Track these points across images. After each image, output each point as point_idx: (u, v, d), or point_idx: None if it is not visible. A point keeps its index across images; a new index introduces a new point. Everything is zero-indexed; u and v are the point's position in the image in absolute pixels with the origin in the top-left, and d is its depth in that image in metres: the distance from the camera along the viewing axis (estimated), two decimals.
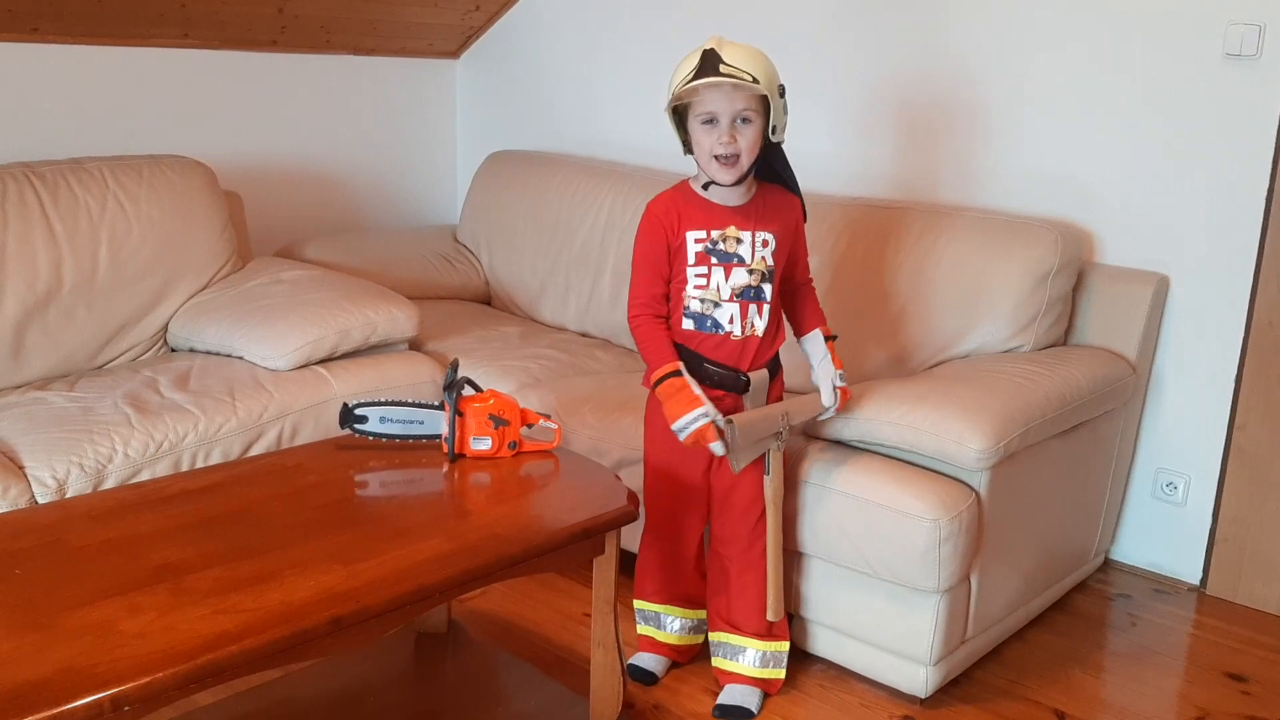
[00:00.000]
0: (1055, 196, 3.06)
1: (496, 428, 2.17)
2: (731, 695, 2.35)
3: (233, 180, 3.64)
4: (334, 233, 3.93)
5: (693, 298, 2.22)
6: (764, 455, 2.25)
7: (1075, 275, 2.88)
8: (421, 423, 2.23)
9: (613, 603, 2.11)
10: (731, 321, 2.22)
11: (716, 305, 2.21)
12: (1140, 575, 3.09)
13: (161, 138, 3.55)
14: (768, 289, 2.22)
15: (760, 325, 2.23)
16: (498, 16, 4.28)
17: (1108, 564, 3.14)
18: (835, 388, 2.30)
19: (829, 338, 2.37)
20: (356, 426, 2.22)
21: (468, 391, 2.21)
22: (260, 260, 3.37)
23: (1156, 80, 2.88)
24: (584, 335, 3.61)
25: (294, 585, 1.67)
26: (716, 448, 2.15)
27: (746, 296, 2.21)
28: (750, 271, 2.21)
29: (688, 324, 2.24)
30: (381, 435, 2.23)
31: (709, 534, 2.41)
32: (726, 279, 2.20)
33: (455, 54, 4.45)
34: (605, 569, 2.09)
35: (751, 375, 2.26)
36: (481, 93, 4.43)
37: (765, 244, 2.21)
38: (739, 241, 2.20)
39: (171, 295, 3.09)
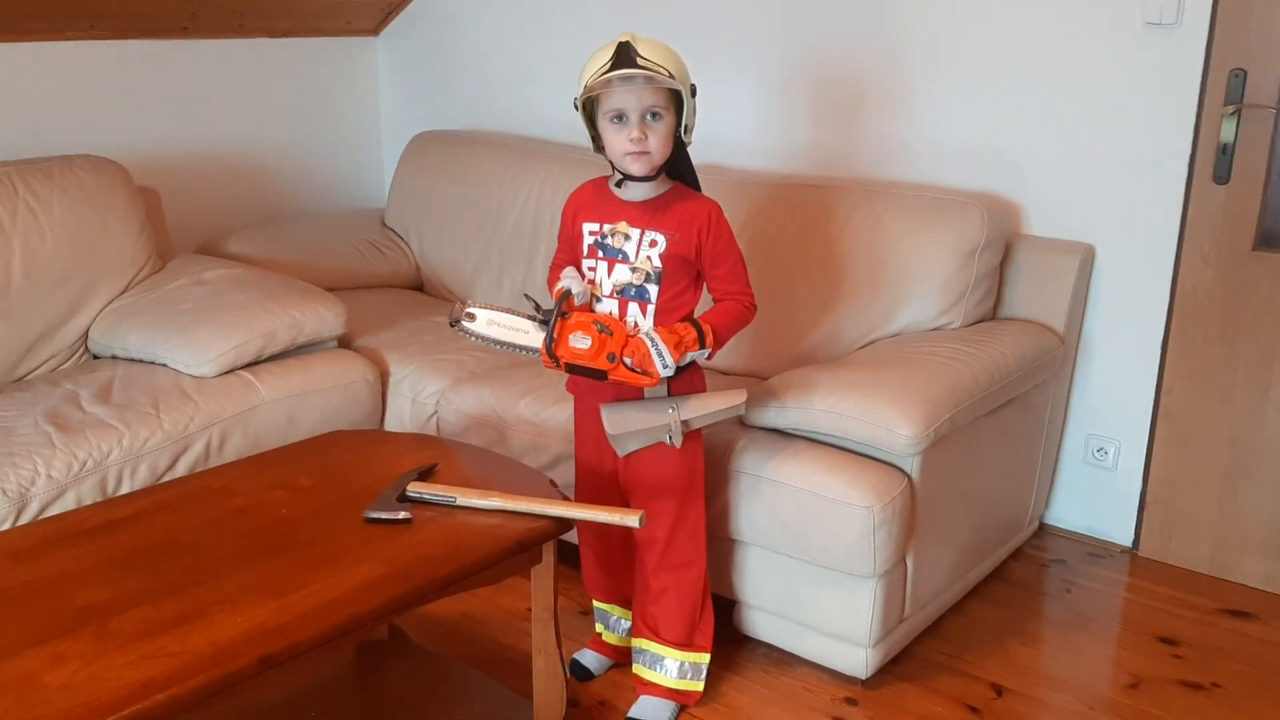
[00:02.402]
0: (980, 168, 3.06)
1: (600, 332, 2.08)
2: (643, 709, 2.33)
3: (149, 175, 3.54)
4: (257, 224, 3.83)
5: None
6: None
7: (1002, 250, 2.89)
8: (527, 333, 2.14)
9: (552, 610, 2.11)
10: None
11: (598, 300, 2.18)
12: (1074, 539, 3.15)
13: (72, 135, 3.44)
14: (653, 290, 2.15)
15: (645, 325, 2.16)
16: None
17: (1042, 528, 3.20)
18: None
19: (690, 348, 2.10)
20: (466, 325, 2.15)
21: (578, 302, 2.16)
22: (181, 259, 3.29)
23: (1077, 49, 2.88)
24: None
25: (221, 624, 1.64)
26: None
27: (627, 294, 2.16)
28: (633, 270, 2.16)
29: None
30: (488, 339, 2.16)
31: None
32: (609, 274, 2.17)
33: (375, 31, 4.35)
34: (544, 578, 2.08)
35: None
36: (405, 70, 4.34)
37: (654, 244, 2.14)
38: (627, 238, 2.16)
39: (90, 301, 3.01)
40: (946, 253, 2.79)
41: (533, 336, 2.14)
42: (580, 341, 2.07)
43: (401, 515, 1.98)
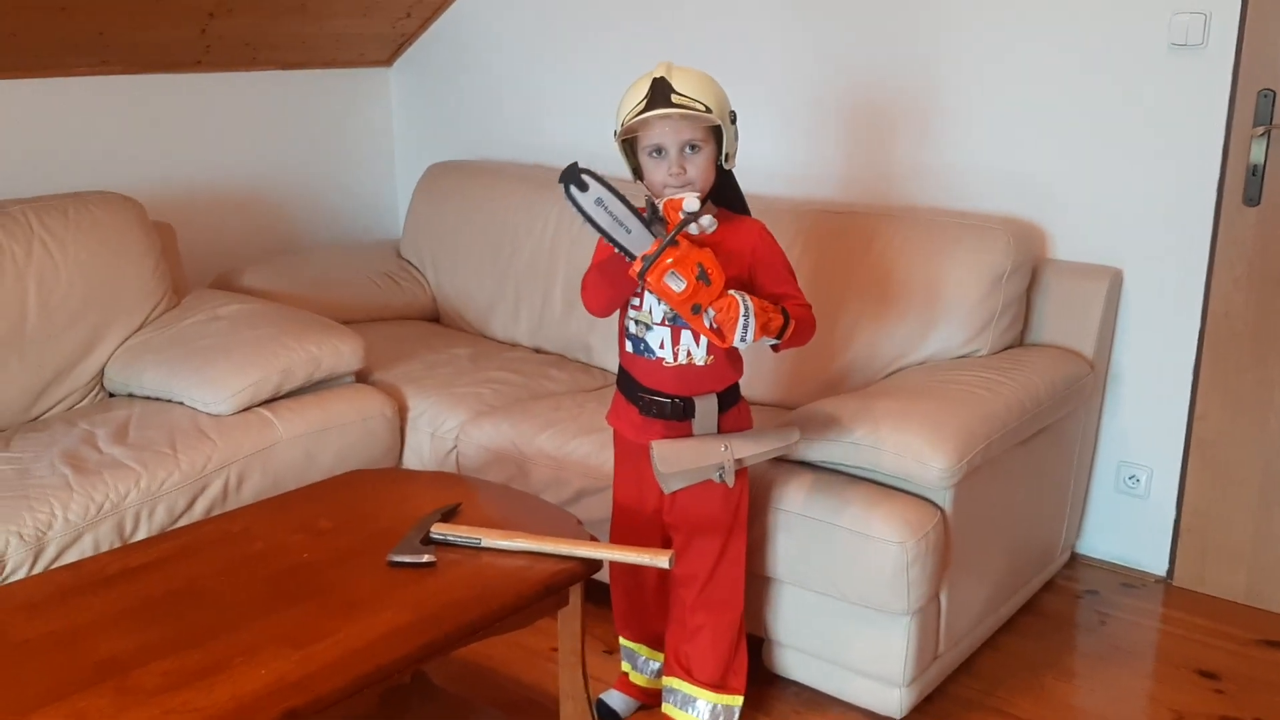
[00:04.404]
0: (1006, 192, 3.02)
1: (698, 279, 1.91)
2: None
3: (163, 210, 3.52)
4: (272, 257, 3.81)
5: (630, 319, 2.15)
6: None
7: (1029, 275, 2.85)
8: (629, 231, 1.95)
9: (580, 654, 2.05)
10: (662, 346, 2.11)
11: (648, 329, 2.12)
12: (1107, 569, 3.08)
13: (86, 172, 3.42)
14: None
15: (698, 353, 2.10)
16: (430, 22, 4.17)
17: (1074, 559, 3.13)
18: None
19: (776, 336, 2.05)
20: (573, 190, 1.93)
21: (693, 231, 1.99)
22: (197, 294, 3.26)
23: (1103, 72, 2.84)
24: (538, 351, 3.54)
25: (244, 676, 1.60)
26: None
27: (679, 322, 2.08)
28: None
29: (628, 346, 2.17)
30: (586, 215, 1.94)
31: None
32: (659, 302, 2.09)
33: (388, 62, 4.34)
34: (570, 621, 2.02)
35: (697, 400, 2.13)
36: (418, 101, 4.32)
37: None
38: None
39: (106, 339, 2.98)
40: (973, 278, 2.75)
41: (633, 239, 1.95)
42: (675, 282, 1.91)
43: (425, 559, 1.93)
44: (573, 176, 1.94)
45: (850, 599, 2.31)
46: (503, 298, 3.64)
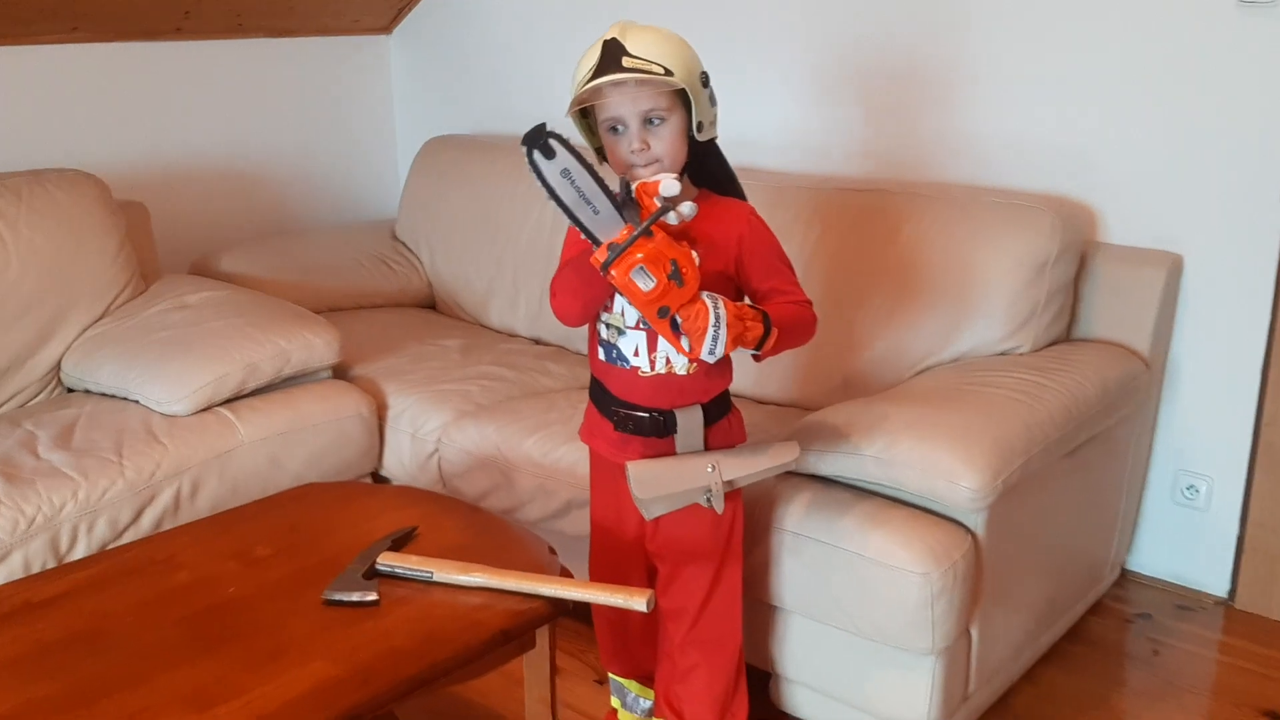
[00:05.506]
0: (1050, 168, 2.71)
1: (670, 279, 1.65)
2: None
3: (139, 189, 3.28)
4: (258, 239, 3.56)
5: (600, 322, 1.87)
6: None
7: (1077, 261, 2.54)
8: (597, 212, 1.67)
9: (549, 703, 1.79)
10: (637, 354, 1.83)
11: (621, 333, 1.84)
12: (1161, 589, 2.77)
13: (54, 147, 3.18)
14: None
15: (679, 361, 1.82)
16: None
17: (1124, 576, 2.83)
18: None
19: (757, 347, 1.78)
20: (537, 156, 1.63)
21: (671, 220, 1.71)
22: (166, 280, 3.02)
23: (1162, 33, 2.52)
24: (536, 342, 3.27)
25: None
26: None
27: None
28: None
29: (600, 354, 1.90)
30: (549, 187, 1.66)
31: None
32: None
33: (387, 29, 4.07)
34: (538, 666, 1.77)
35: (678, 414, 1.85)
36: (421, 71, 4.05)
37: None
38: None
39: (62, 330, 2.74)
40: (1014, 265, 2.45)
41: (601, 222, 1.67)
42: (643, 280, 1.64)
43: (369, 597, 1.67)
44: (538, 140, 1.62)
45: (866, 634, 2.03)
46: (501, 283, 3.38)
